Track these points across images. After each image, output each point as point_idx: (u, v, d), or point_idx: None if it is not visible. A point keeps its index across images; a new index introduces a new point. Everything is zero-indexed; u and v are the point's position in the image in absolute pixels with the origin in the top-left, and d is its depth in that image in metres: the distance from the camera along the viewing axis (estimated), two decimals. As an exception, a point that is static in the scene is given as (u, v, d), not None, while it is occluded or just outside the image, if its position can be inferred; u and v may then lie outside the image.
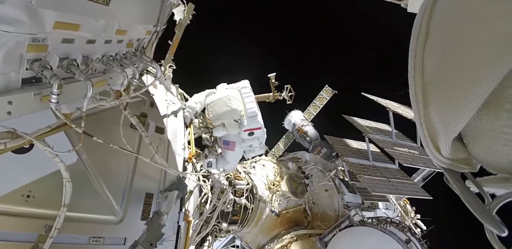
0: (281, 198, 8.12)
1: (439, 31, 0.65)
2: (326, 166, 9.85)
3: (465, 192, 0.66)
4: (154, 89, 4.47)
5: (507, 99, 0.49)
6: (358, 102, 12.24)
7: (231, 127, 3.99)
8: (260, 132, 4.20)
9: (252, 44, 22.43)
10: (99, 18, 1.79)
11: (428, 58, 0.68)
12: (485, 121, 0.55)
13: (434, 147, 0.69)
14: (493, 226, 0.58)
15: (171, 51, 5.41)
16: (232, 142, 4.18)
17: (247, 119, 4.03)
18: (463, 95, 0.53)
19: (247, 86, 4.53)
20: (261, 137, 4.43)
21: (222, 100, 4.16)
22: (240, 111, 4.03)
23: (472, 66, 0.51)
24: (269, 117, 15.04)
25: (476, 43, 0.51)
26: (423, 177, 12.90)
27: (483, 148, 0.59)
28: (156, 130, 3.89)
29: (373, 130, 10.33)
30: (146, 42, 2.88)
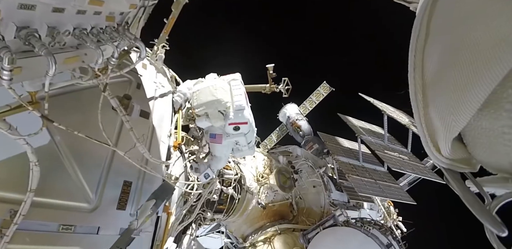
0: (269, 190, 8.01)
1: (439, 31, 0.64)
2: (316, 162, 9.75)
3: (465, 192, 0.65)
4: (143, 69, 4.12)
5: (507, 99, 0.48)
6: (355, 102, 12.05)
7: (215, 118, 3.66)
8: (246, 127, 3.84)
9: (256, 38, 21.84)
10: (63, -19, 1.48)
11: (428, 58, 0.67)
12: (485, 121, 0.54)
13: (434, 147, 0.68)
14: (493, 226, 0.58)
15: (166, 30, 5.03)
16: (218, 134, 3.86)
17: (233, 112, 3.71)
18: (463, 95, 0.53)
19: (237, 79, 4.19)
20: (249, 135, 4.06)
21: (208, 89, 3.84)
22: (225, 102, 3.72)
23: (472, 66, 0.50)
24: (265, 108, 14.90)
25: (476, 43, 0.50)
26: (409, 182, 13.01)
27: (483, 148, 0.58)
28: (140, 114, 3.59)
29: (366, 131, 10.24)
30: (131, 17, 2.54)
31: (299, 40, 23.59)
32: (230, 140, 3.91)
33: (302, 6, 22.75)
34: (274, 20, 22.24)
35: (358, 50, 22.60)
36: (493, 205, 0.62)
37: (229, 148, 4.11)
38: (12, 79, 1.46)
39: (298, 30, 23.48)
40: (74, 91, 3.14)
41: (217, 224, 9.15)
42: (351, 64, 23.18)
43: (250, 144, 4.31)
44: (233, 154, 4.44)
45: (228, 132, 3.88)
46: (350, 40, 22.48)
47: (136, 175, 3.33)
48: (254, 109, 4.36)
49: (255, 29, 21.36)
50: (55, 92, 2.89)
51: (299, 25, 23.70)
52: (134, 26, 2.77)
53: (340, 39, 22.50)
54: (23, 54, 1.64)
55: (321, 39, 23.08)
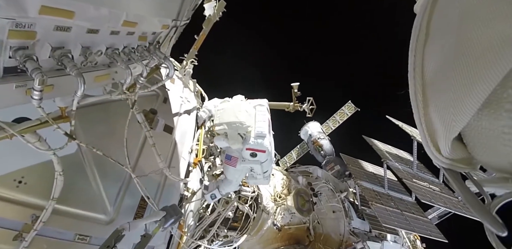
0: (286, 212, 7.60)
1: (439, 31, 0.64)
2: (337, 185, 9.19)
3: (465, 192, 0.64)
4: (171, 84, 4.18)
5: (507, 99, 0.48)
6: (381, 124, 11.43)
7: (233, 140, 3.49)
8: (264, 155, 3.62)
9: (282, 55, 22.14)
10: (100, 6, 1.50)
11: (428, 58, 0.67)
12: (485, 121, 0.53)
13: (434, 147, 0.67)
14: (493, 226, 0.57)
15: (196, 46, 5.17)
16: (234, 157, 3.67)
17: (253, 137, 3.53)
18: (463, 95, 0.52)
19: (264, 105, 4.03)
20: (266, 164, 3.81)
21: (232, 110, 3.73)
22: (247, 126, 3.55)
23: (472, 66, 0.50)
24: (286, 125, 14.69)
25: (476, 43, 0.49)
26: (439, 215, 11.76)
27: (483, 148, 0.58)
28: (164, 129, 3.59)
29: (393, 156, 9.56)
30: (163, 36, 2.59)
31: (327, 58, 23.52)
32: (245, 165, 3.72)
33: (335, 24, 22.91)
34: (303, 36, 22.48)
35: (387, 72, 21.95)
36: (493, 205, 0.62)
37: (242, 173, 3.89)
38: (41, 99, 1.47)
39: (328, 48, 23.50)
40: (104, 103, 3.22)
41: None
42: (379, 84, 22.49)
43: (266, 173, 4.05)
44: (246, 180, 4.24)
45: (245, 156, 3.69)
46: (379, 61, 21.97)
47: (154, 190, 3.27)
48: (275, 125, 4.20)
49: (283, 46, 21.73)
50: (86, 104, 2.98)
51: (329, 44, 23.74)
52: (165, 45, 2.82)
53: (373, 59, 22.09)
54: (56, 72, 1.66)
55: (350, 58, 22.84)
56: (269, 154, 3.78)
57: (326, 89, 21.51)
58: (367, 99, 19.84)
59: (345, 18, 22.20)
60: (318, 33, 23.46)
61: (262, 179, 4.14)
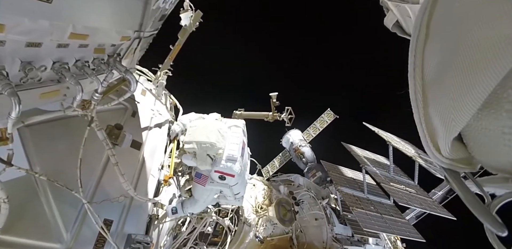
0: (268, 223, 7.38)
1: (439, 31, 0.63)
2: (319, 192, 9.14)
3: (465, 192, 0.63)
4: (142, 96, 3.94)
5: (507, 99, 0.48)
6: (359, 130, 11.71)
7: (202, 161, 3.24)
8: (233, 180, 3.36)
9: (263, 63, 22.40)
10: (37, 18, 1.33)
11: (428, 58, 0.66)
12: (485, 121, 0.53)
13: (434, 147, 0.65)
14: (493, 226, 0.57)
15: (171, 56, 4.99)
16: (205, 176, 3.40)
17: (223, 160, 3.31)
18: (463, 95, 0.51)
19: (240, 127, 3.78)
20: (236, 187, 3.55)
21: (205, 129, 3.45)
22: (218, 148, 3.30)
23: (472, 66, 0.49)
24: (268, 133, 14.67)
25: (476, 43, 0.49)
26: (416, 215, 12.09)
27: (483, 148, 0.57)
28: (132, 144, 3.33)
29: (371, 161, 9.75)
30: (124, 48, 2.42)
31: (306, 67, 24.07)
32: (213, 187, 3.47)
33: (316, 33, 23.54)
34: (281, 45, 22.88)
35: (368, 78, 22.83)
36: (493, 205, 0.61)
37: (211, 194, 3.62)
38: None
39: (307, 58, 24.07)
40: (64, 118, 2.93)
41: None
42: (356, 92, 23.27)
43: (238, 195, 3.81)
44: (218, 199, 3.98)
45: (214, 178, 3.45)
46: (361, 68, 22.83)
47: (118, 212, 2.97)
48: (257, 134, 3.98)
49: (262, 56, 21.97)
50: (42, 120, 2.69)
51: (309, 53, 24.34)
52: (128, 57, 2.64)
53: (350, 67, 22.88)
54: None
55: (327, 66, 23.54)
56: (239, 178, 3.53)
57: (305, 97, 21.92)
58: (345, 107, 20.42)
59: (328, 27, 22.99)
60: (297, 41, 24.04)
61: (234, 200, 3.89)
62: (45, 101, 1.84)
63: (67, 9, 1.44)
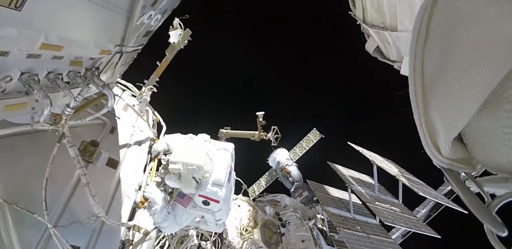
0: (253, 246, 6.92)
1: (439, 31, 0.62)
2: (305, 213, 8.84)
3: (465, 192, 0.62)
4: (123, 112, 3.76)
5: (507, 99, 0.47)
6: (344, 150, 11.78)
7: (186, 183, 3.02)
8: (217, 206, 3.16)
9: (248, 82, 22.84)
10: (4, 25, 1.24)
11: (428, 58, 0.65)
12: (485, 121, 0.52)
13: (434, 147, 0.64)
14: (493, 226, 0.56)
15: (157, 73, 4.93)
16: (188, 197, 3.17)
17: (209, 185, 3.12)
18: (463, 95, 0.51)
19: (228, 151, 3.63)
20: (219, 213, 3.34)
21: (192, 149, 3.27)
22: (204, 171, 3.12)
23: (472, 66, 0.49)
24: (254, 152, 14.44)
25: (476, 43, 0.48)
26: (402, 234, 11.87)
27: (483, 148, 0.56)
28: (108, 163, 3.09)
29: (356, 181, 9.69)
30: (104, 62, 2.33)
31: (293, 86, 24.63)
32: (195, 212, 3.24)
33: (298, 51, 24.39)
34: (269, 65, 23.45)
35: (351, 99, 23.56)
36: (493, 205, 0.60)
37: (190, 218, 3.35)
38: None
39: (292, 77, 24.71)
40: (35, 132, 2.70)
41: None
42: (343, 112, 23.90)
43: (220, 221, 3.58)
44: (198, 224, 3.69)
45: (197, 203, 3.22)
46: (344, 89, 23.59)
47: (87, 238, 2.64)
48: (244, 153, 3.83)
49: (248, 74, 22.36)
50: (9, 133, 2.46)
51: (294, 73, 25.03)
52: (109, 72, 2.54)
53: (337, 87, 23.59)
54: None
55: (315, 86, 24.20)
56: (223, 204, 3.33)
57: (292, 116, 22.20)
58: (331, 127, 20.78)
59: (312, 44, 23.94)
60: (284, 62, 24.76)
61: (215, 227, 3.61)
62: (10, 114, 1.67)
63: (39, 18, 1.36)
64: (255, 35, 23.74)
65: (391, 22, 5.71)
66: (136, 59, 3.40)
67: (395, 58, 6.93)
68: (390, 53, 6.87)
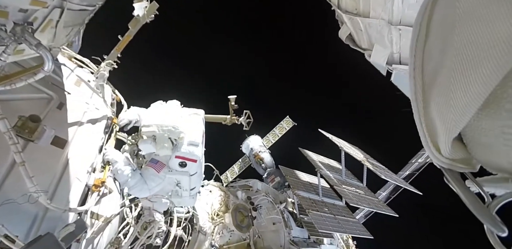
0: (224, 230, 6.88)
1: (439, 31, 0.62)
2: (277, 197, 8.99)
3: (465, 192, 0.62)
4: (75, 86, 3.28)
5: (507, 99, 0.47)
6: (315, 137, 12.10)
7: (162, 144, 2.84)
8: (194, 166, 3.06)
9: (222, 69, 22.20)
10: None
11: (428, 58, 0.65)
12: (485, 121, 0.52)
13: (434, 147, 0.64)
14: (493, 226, 0.56)
15: (118, 47, 4.40)
16: (162, 163, 3.00)
17: (185, 145, 2.98)
18: (463, 95, 0.50)
19: (200, 116, 3.52)
20: (195, 179, 3.23)
21: (165, 113, 3.13)
22: (179, 132, 2.98)
23: (472, 66, 0.49)
24: (228, 140, 14.30)
25: (476, 43, 0.48)
26: (365, 214, 12.79)
27: (483, 148, 0.57)
28: (53, 142, 2.67)
29: (325, 166, 10.04)
30: (40, 17, 1.90)
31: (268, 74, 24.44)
32: (171, 177, 3.07)
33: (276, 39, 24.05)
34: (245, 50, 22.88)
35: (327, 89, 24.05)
36: (493, 205, 0.60)
37: (161, 184, 3.15)
38: None
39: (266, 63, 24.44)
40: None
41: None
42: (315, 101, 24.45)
43: (193, 191, 3.44)
44: (169, 199, 3.53)
45: (173, 166, 3.06)
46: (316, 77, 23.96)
47: (27, 226, 2.27)
48: (217, 140, 3.69)
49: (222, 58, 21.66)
50: None
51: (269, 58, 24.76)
52: (48, 31, 2.10)
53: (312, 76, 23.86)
54: None
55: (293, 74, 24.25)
56: (200, 166, 3.23)
57: (265, 104, 22.19)
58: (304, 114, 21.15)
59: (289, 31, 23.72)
60: (260, 46, 24.30)
61: (188, 198, 3.48)
62: None
63: None
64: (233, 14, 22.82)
65: (364, 9, 5.67)
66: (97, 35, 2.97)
67: (366, 46, 7.00)
68: (361, 40, 6.93)
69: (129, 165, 3.07)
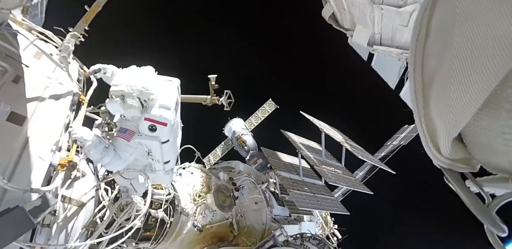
0: (207, 211, 6.94)
1: (439, 30, 0.62)
2: (259, 177, 9.15)
3: (465, 192, 0.63)
4: (35, 59, 2.92)
5: (507, 99, 0.47)
6: (297, 120, 12.23)
7: (131, 104, 2.67)
8: (165, 131, 2.86)
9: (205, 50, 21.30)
10: None
11: (428, 58, 0.65)
12: (485, 121, 0.52)
13: (434, 147, 0.65)
14: (493, 226, 0.57)
15: (85, 19, 3.92)
16: (131, 131, 2.85)
17: (156, 107, 2.84)
18: (463, 95, 0.51)
19: (175, 83, 3.28)
20: (167, 148, 3.06)
21: (137, 74, 2.91)
22: (149, 93, 2.83)
23: (472, 66, 0.48)
24: (210, 123, 14.06)
25: (476, 43, 0.48)
26: (343, 193, 13.49)
27: (483, 148, 0.57)
28: (9, 118, 2.38)
29: (306, 147, 10.27)
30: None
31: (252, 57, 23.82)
32: (141, 141, 2.91)
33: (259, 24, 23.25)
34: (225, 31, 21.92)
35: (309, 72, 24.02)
36: (493, 205, 0.60)
37: (135, 152, 3.02)
38: None
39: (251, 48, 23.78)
40: None
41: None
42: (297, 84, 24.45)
43: (167, 165, 3.29)
44: (143, 176, 3.39)
45: (142, 130, 2.90)
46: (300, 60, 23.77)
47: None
48: (200, 123, 3.52)
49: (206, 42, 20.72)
50: None
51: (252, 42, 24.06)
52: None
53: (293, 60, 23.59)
54: None
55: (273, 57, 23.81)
56: (172, 134, 3.06)
57: (248, 87, 21.87)
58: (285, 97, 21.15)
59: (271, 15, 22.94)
60: (246, 28, 23.41)
61: (162, 173, 3.34)
62: None
63: None
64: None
65: (348, -14, 5.48)
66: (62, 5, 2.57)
67: (348, 26, 6.88)
68: (344, 20, 6.78)
69: (100, 142, 2.87)
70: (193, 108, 7.50)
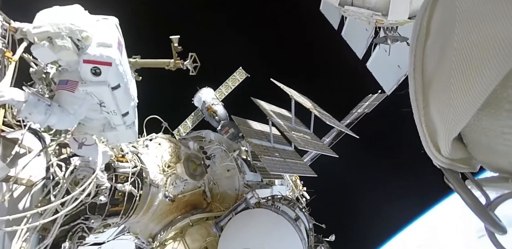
0: (177, 180, 6.79)
1: (439, 30, 0.62)
2: (230, 146, 9.09)
3: (465, 192, 0.63)
4: None
5: (507, 99, 0.47)
6: (268, 88, 11.96)
7: (62, 44, 2.20)
8: (112, 72, 2.44)
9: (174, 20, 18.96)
10: None
11: (428, 58, 0.65)
12: (485, 121, 0.52)
13: (434, 146, 0.65)
14: (493, 226, 0.57)
15: None
16: (72, 81, 2.43)
17: (94, 46, 2.40)
18: (463, 95, 0.50)
19: (112, 22, 2.75)
20: (120, 97, 2.65)
21: (62, 12, 2.35)
22: (81, 30, 2.33)
23: (472, 66, 0.48)
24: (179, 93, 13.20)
25: (476, 43, 0.48)
26: (311, 157, 14.26)
27: (483, 148, 0.57)
28: None
29: (277, 114, 10.26)
30: None
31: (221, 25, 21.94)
32: (87, 89, 2.47)
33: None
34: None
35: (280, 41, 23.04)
36: (493, 205, 0.60)
37: (84, 104, 2.59)
38: None
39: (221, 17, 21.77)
40: None
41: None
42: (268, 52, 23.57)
43: (127, 118, 2.89)
44: (105, 135, 3.00)
45: (85, 76, 2.47)
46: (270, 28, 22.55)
47: None
48: (168, 94, 3.01)
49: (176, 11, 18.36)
50: None
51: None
52: None
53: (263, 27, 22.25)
54: None
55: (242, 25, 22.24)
56: (121, 78, 2.62)
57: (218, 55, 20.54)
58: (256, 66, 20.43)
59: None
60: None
61: (125, 129, 2.95)
62: None
63: None
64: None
65: None
66: None
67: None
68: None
69: (39, 100, 2.32)
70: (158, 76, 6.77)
